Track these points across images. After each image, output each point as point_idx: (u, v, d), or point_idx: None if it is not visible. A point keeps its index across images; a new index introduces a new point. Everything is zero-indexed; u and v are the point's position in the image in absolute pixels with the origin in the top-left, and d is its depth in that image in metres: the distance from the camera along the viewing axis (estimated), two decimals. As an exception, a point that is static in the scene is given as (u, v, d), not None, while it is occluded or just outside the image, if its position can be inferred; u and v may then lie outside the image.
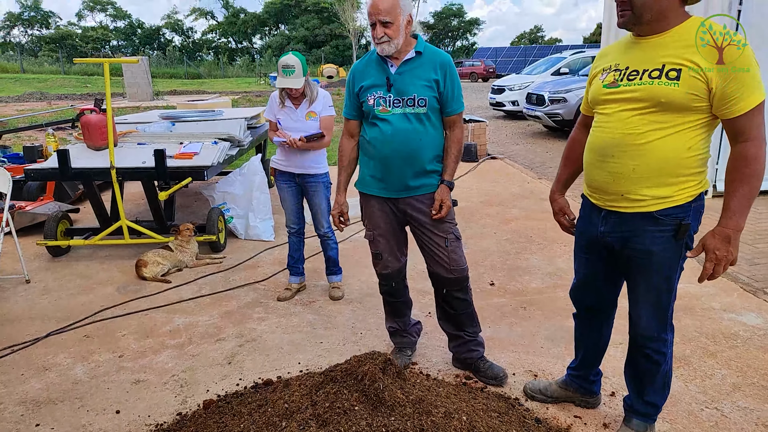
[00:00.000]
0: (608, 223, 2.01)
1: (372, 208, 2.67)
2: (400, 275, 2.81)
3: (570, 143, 2.30)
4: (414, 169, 2.51)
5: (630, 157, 1.85)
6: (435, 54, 2.50)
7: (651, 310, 2.03)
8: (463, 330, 2.79)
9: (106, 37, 56.36)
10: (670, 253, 1.92)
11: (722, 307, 3.51)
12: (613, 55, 1.97)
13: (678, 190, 1.85)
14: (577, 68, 13.41)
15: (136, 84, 21.72)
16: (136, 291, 3.94)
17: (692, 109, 1.76)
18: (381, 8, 2.34)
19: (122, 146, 4.64)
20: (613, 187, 1.92)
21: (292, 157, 3.55)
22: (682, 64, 1.74)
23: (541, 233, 5.06)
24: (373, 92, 2.50)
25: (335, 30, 47.07)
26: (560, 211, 2.35)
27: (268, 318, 3.51)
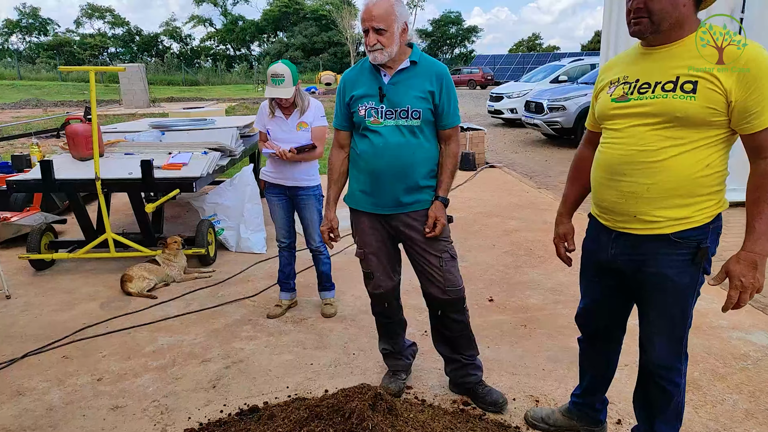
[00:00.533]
0: (619, 246, 1.86)
1: (362, 225, 2.52)
2: (394, 295, 2.66)
3: (576, 161, 2.14)
4: (406, 185, 2.36)
5: (644, 175, 1.70)
6: (431, 64, 2.37)
7: (665, 338, 1.87)
8: (460, 353, 2.63)
9: (104, 44, 56.28)
10: (686, 279, 1.77)
11: (730, 325, 3.36)
12: (621, 67, 1.84)
13: (696, 211, 1.71)
14: (576, 76, 13.32)
15: (132, 91, 21.62)
16: (121, 307, 3.78)
17: (710, 123, 1.63)
18: (374, 14, 2.21)
19: (109, 156, 4.50)
20: (624, 207, 1.78)
21: (283, 169, 3.41)
22: (698, 75, 1.60)
23: (541, 245, 4.92)
24: (365, 102, 2.36)
25: (333, 37, 47.12)
26: (562, 237, 2.20)
27: (257, 337, 3.35)
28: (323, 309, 3.66)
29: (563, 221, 2.20)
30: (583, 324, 2.22)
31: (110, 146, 4.68)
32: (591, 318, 2.17)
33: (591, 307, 2.14)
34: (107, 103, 23.82)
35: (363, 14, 2.24)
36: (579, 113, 10.36)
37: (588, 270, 2.09)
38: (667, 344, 1.88)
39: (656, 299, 1.83)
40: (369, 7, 2.22)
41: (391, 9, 2.22)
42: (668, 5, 1.62)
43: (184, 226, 5.69)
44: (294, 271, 3.74)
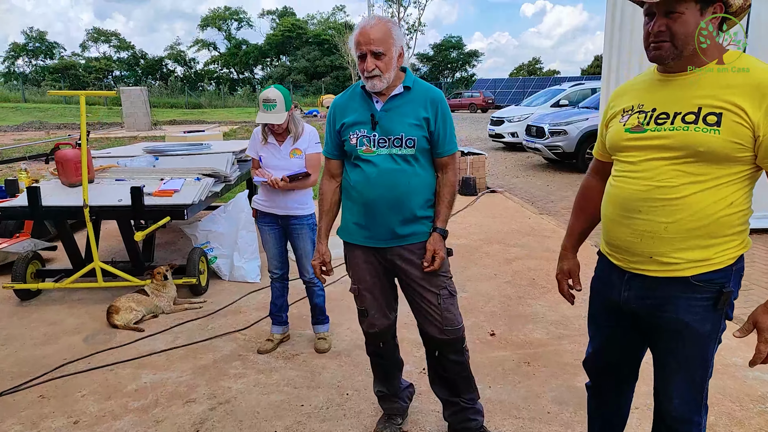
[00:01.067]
0: (633, 288, 1.70)
1: (356, 259, 2.36)
2: (389, 334, 2.49)
3: (582, 191, 1.98)
4: (402, 216, 2.22)
5: (661, 213, 1.56)
6: (425, 90, 2.24)
7: (684, 389, 1.70)
8: (459, 396, 2.46)
9: (109, 67, 56.99)
10: (708, 326, 1.61)
11: (745, 363, 3.18)
12: (635, 94, 1.69)
13: (717, 252, 1.56)
14: (577, 100, 13.29)
15: (134, 114, 21.73)
16: (105, 341, 3.62)
17: (735, 159, 1.49)
18: (372, 37, 2.07)
19: (99, 182, 4.38)
20: (639, 247, 1.62)
21: (275, 198, 3.28)
22: (722, 107, 1.47)
23: (544, 275, 4.76)
24: (356, 130, 2.22)
25: (335, 61, 47.52)
26: (566, 274, 2.04)
27: (246, 374, 3.18)
28: (317, 344, 3.49)
29: (568, 256, 2.03)
30: (592, 370, 2.05)
31: (101, 172, 4.57)
32: (601, 364, 2.00)
33: (601, 352, 1.97)
34: (109, 126, 23.91)
35: (359, 37, 2.10)
36: (581, 137, 10.27)
37: (597, 312, 1.92)
38: (685, 396, 1.71)
39: (674, 347, 1.67)
40: (366, 30, 2.08)
41: (389, 32, 2.10)
42: (694, 29, 1.50)
43: (177, 253, 5.55)
44: (287, 304, 3.58)
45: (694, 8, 1.49)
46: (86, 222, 4.00)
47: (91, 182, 4.28)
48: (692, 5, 1.49)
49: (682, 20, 1.49)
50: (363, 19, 2.15)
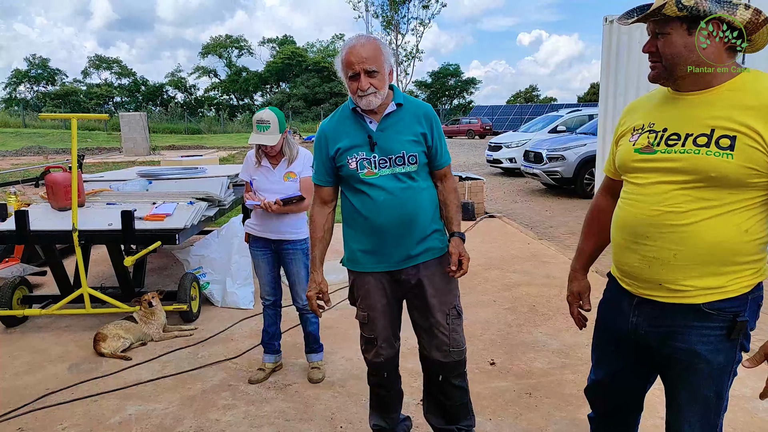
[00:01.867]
0: (642, 314, 1.62)
1: (367, 285, 2.26)
2: (394, 364, 2.40)
3: (592, 211, 1.91)
4: (416, 235, 2.17)
5: (670, 240, 1.48)
6: (416, 105, 2.21)
7: (697, 425, 1.60)
8: (457, 423, 2.38)
9: (110, 93, 57.41)
10: (722, 357, 1.52)
11: (754, 395, 3.06)
12: (646, 112, 1.63)
13: (731, 280, 1.47)
14: (574, 126, 13.35)
15: (133, 139, 21.78)
16: (90, 370, 3.49)
17: (749, 185, 1.42)
18: (364, 56, 2.03)
19: (90, 206, 4.30)
20: (648, 274, 1.55)
21: (268, 222, 3.20)
22: (737, 129, 1.39)
23: (544, 302, 4.65)
24: (354, 154, 2.14)
25: (334, 88, 48.08)
26: (577, 296, 1.96)
27: (236, 406, 3.05)
28: (310, 374, 3.36)
29: (578, 278, 1.95)
30: (596, 400, 1.96)
31: (92, 196, 4.49)
32: (605, 394, 1.91)
33: (606, 382, 1.87)
34: (108, 151, 23.95)
35: (350, 57, 2.05)
36: (579, 163, 10.27)
37: (604, 338, 1.83)
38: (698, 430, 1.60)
39: (686, 379, 1.58)
40: (357, 49, 2.04)
41: (379, 49, 2.07)
42: (681, 49, 1.45)
43: (169, 279, 5.43)
44: (279, 331, 3.46)
45: (680, 28, 1.45)
46: (75, 246, 3.90)
47: (82, 206, 4.20)
48: (677, 25, 1.44)
49: (668, 41, 1.47)
50: (350, 39, 2.11)
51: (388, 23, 10.32)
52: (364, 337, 2.35)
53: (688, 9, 1.40)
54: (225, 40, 61.68)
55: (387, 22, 10.36)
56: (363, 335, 2.35)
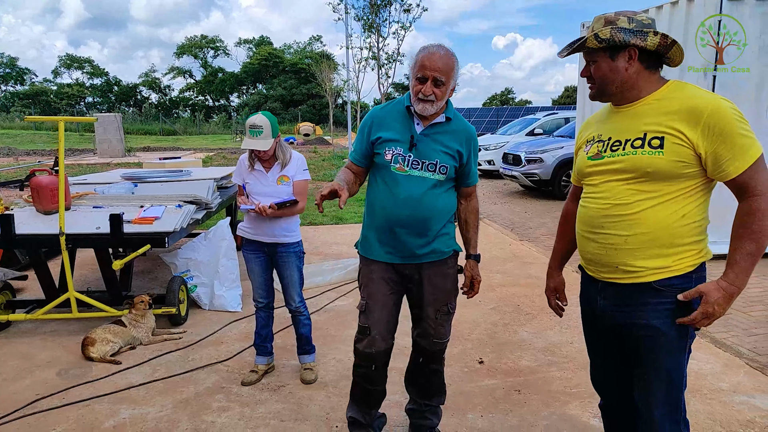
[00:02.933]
0: (607, 297, 1.87)
1: (372, 274, 2.40)
2: (384, 359, 2.47)
3: (563, 215, 2.18)
4: (424, 238, 2.32)
5: (620, 228, 1.76)
6: (464, 125, 2.35)
7: (663, 399, 1.79)
8: (427, 399, 2.61)
9: (81, 93, 56.21)
10: (675, 330, 1.75)
11: (731, 388, 3.21)
12: (596, 126, 1.92)
13: (676, 260, 1.72)
14: (551, 129, 13.60)
15: (107, 140, 21.39)
16: (80, 375, 3.46)
17: (682, 176, 1.68)
18: (439, 65, 2.16)
19: (76, 210, 4.26)
20: (606, 258, 1.82)
21: (261, 225, 3.22)
22: (664, 131, 1.67)
23: (528, 301, 4.76)
24: (392, 147, 2.28)
25: (312, 89, 47.79)
26: (553, 290, 2.23)
27: (230, 408, 3.07)
28: (303, 374, 3.40)
29: (554, 274, 2.23)
30: (597, 385, 2.16)
31: (78, 199, 4.45)
32: (601, 378, 2.12)
33: (600, 368, 2.11)
34: (81, 153, 23.48)
35: (425, 60, 2.16)
36: (556, 165, 10.47)
37: (588, 329, 2.09)
38: (665, 410, 1.80)
39: (650, 356, 1.79)
40: (435, 57, 2.15)
41: (453, 65, 2.19)
42: (608, 72, 1.75)
43: (154, 282, 5.40)
44: (272, 333, 3.49)
45: (604, 56, 1.74)
46: (62, 250, 3.86)
47: (68, 209, 4.16)
48: (602, 54, 1.74)
49: (597, 66, 1.77)
50: (431, 45, 2.22)
51: (369, 26, 10.38)
52: (359, 326, 2.43)
53: (605, 41, 1.70)
54: (200, 41, 60.98)
55: (368, 25, 10.42)
56: (359, 324, 2.43)
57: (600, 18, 1.75)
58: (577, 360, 3.59)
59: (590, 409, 2.99)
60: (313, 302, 4.75)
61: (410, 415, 2.70)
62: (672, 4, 6.10)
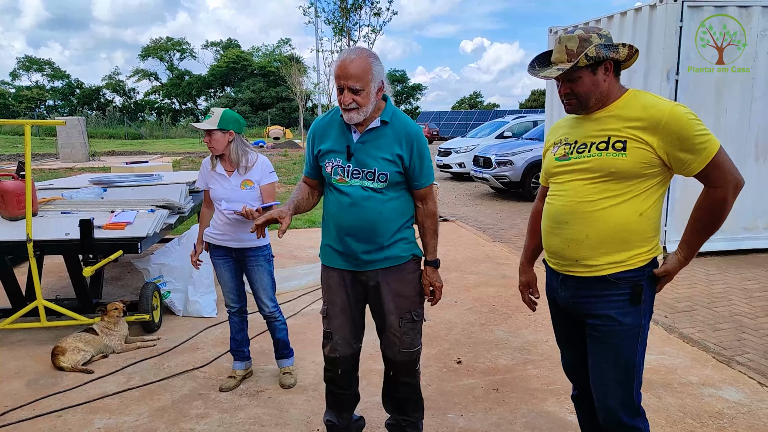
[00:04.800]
0: (568, 288, 1.98)
1: (330, 281, 2.40)
2: (350, 363, 2.46)
3: (533, 214, 2.27)
4: (372, 244, 2.27)
5: (583, 224, 1.87)
6: (402, 125, 2.26)
7: (618, 388, 1.91)
8: (404, 415, 2.54)
9: (41, 96, 54.50)
10: (630, 319, 1.87)
11: (700, 381, 3.33)
12: (564, 130, 2.03)
13: (631, 256, 1.86)
14: (520, 132, 13.82)
15: (70, 144, 20.74)
16: (51, 385, 3.36)
17: (643, 176, 1.80)
18: (351, 73, 2.07)
19: (43, 216, 4.14)
20: (567, 252, 1.93)
21: (228, 230, 3.15)
22: (626, 136, 1.80)
23: (503, 301, 4.83)
24: (332, 159, 2.26)
25: (282, 93, 47.54)
26: (526, 285, 2.32)
27: (209, 414, 3.03)
28: (281, 379, 3.38)
29: (525, 270, 2.32)
30: (568, 373, 2.25)
31: (45, 204, 4.33)
32: (573, 369, 2.20)
33: (568, 355, 2.20)
34: (43, 157, 22.76)
35: (338, 70, 2.11)
36: (526, 167, 10.66)
37: (554, 319, 2.20)
38: (619, 399, 1.91)
39: (607, 344, 1.89)
40: (345, 65, 2.09)
41: (368, 68, 2.10)
42: (591, 87, 1.85)
43: (125, 289, 5.28)
44: (247, 338, 3.45)
45: (587, 72, 1.84)
46: (30, 257, 3.74)
47: (35, 215, 4.03)
48: (585, 70, 1.83)
49: (580, 82, 1.85)
50: (344, 51, 2.18)
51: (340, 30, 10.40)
52: (324, 331, 2.43)
53: (592, 59, 1.81)
54: (166, 43, 59.88)
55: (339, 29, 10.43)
56: (323, 329, 2.44)
57: (572, 37, 1.84)
58: (553, 358, 3.66)
59: (567, 405, 3.06)
60: (289, 306, 4.73)
61: (390, 430, 2.61)
62: (635, 11, 6.31)
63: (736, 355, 3.72)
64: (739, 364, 3.57)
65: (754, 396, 3.15)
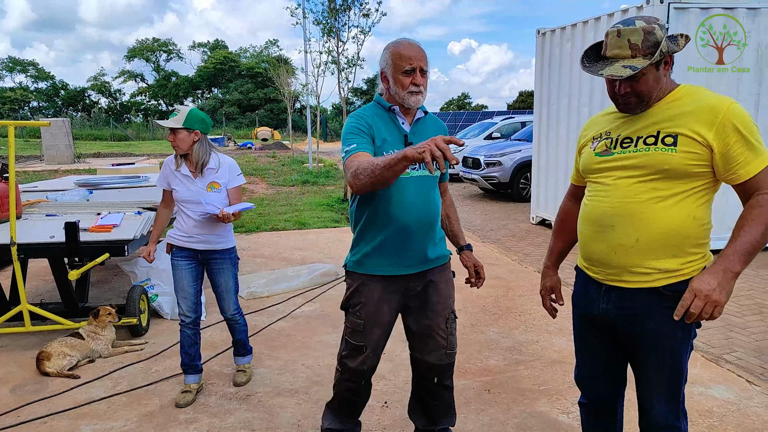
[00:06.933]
0: (610, 300, 1.82)
1: (372, 293, 2.22)
2: (373, 372, 2.42)
3: (561, 214, 2.15)
4: (433, 239, 2.27)
5: (633, 227, 1.71)
6: (434, 119, 2.33)
7: (664, 397, 1.81)
8: (439, 423, 2.48)
9: (25, 98, 53.77)
10: (680, 333, 1.74)
11: (690, 380, 3.33)
12: (602, 124, 1.90)
13: (684, 263, 1.71)
14: (508, 133, 13.87)
15: (55, 146, 20.48)
16: (36, 391, 3.30)
17: (694, 175, 1.67)
18: (422, 55, 2.11)
19: (27, 218, 4.07)
20: (614, 259, 1.76)
21: (196, 231, 3.09)
22: (677, 131, 1.67)
23: (493, 302, 4.83)
24: (391, 150, 2.11)
25: (270, 94, 47.27)
26: (549, 290, 2.16)
27: (198, 419, 2.99)
28: (236, 377, 3.37)
29: (549, 274, 2.17)
30: (584, 384, 2.11)
31: (29, 207, 4.25)
32: (590, 377, 2.07)
33: (588, 367, 2.06)
34: (27, 159, 22.45)
35: (409, 51, 2.10)
36: (514, 168, 10.71)
37: (580, 327, 2.03)
38: (666, 403, 1.82)
39: (653, 356, 1.80)
40: (415, 47, 2.12)
41: (425, 55, 2.16)
42: (653, 84, 1.71)
43: (111, 292, 5.21)
44: (199, 352, 3.30)
45: (652, 68, 1.69)
46: (14, 261, 3.68)
47: (19, 218, 3.97)
48: (651, 67, 1.69)
49: (644, 80, 1.69)
50: (402, 39, 2.17)
51: (329, 31, 10.29)
52: (351, 344, 2.28)
53: (663, 54, 1.67)
54: (152, 44, 59.36)
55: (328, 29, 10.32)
56: (349, 342, 2.28)
57: (635, 30, 1.66)
58: (544, 358, 3.67)
59: (558, 405, 3.06)
60: (279, 308, 4.69)
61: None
62: (623, 13, 6.36)
63: (725, 354, 3.75)
64: (728, 362, 3.60)
65: (742, 394, 3.17)
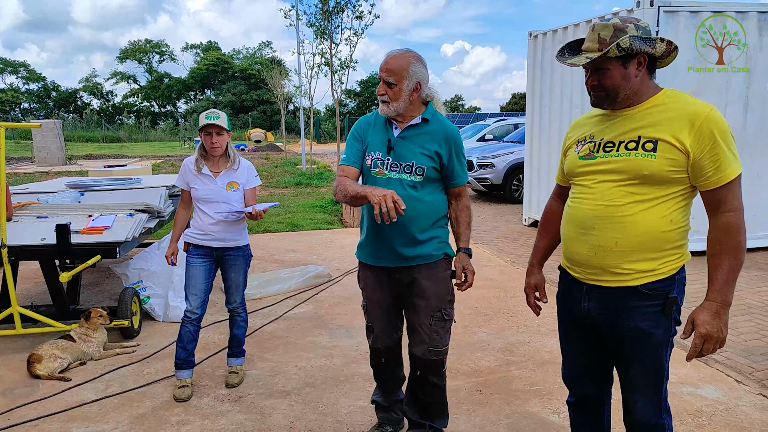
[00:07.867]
0: (592, 299, 1.88)
1: (367, 278, 2.53)
2: (392, 353, 2.59)
3: (545, 213, 2.19)
4: (405, 239, 2.34)
5: (612, 230, 1.77)
6: (442, 125, 2.37)
7: (647, 393, 1.86)
8: (430, 420, 2.56)
9: (16, 99, 53.36)
10: (660, 330, 1.80)
11: (679, 380, 3.38)
12: (587, 127, 1.93)
13: (661, 264, 1.77)
14: (501, 135, 13.93)
15: (46, 148, 20.37)
16: (27, 394, 3.28)
17: (672, 181, 1.72)
18: (389, 67, 2.26)
19: (18, 220, 4.04)
20: (595, 260, 1.83)
21: (213, 230, 3.19)
22: (658, 136, 1.71)
23: (485, 303, 4.86)
24: (372, 152, 2.36)
25: (263, 96, 47.15)
26: (533, 287, 2.21)
27: (190, 421, 2.98)
28: (228, 378, 3.38)
29: (534, 272, 2.22)
30: (570, 382, 2.16)
31: (20, 209, 4.23)
32: (576, 376, 2.11)
33: (574, 366, 2.11)
34: (17, 161, 22.29)
35: (382, 64, 2.28)
36: (507, 170, 10.75)
37: (565, 326, 2.08)
38: (650, 401, 1.87)
39: (635, 355, 1.83)
40: (387, 60, 2.28)
41: (406, 66, 2.24)
42: (620, 80, 1.75)
43: (103, 294, 5.18)
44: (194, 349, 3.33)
45: (617, 64, 1.73)
46: (4, 263, 3.66)
47: (9, 220, 3.94)
48: (615, 62, 1.73)
49: (609, 75, 1.75)
50: (393, 49, 2.34)
51: (322, 33, 10.32)
52: (366, 324, 2.60)
53: (624, 50, 1.70)
54: (145, 45, 59.11)
55: (321, 31, 10.35)
56: (365, 322, 2.60)
57: (606, 25, 1.73)
58: (535, 359, 3.69)
59: (549, 405, 3.08)
60: (272, 310, 4.69)
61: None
62: (613, 15, 6.41)
63: (714, 354, 3.78)
64: (717, 362, 3.64)
65: (731, 394, 3.21)
